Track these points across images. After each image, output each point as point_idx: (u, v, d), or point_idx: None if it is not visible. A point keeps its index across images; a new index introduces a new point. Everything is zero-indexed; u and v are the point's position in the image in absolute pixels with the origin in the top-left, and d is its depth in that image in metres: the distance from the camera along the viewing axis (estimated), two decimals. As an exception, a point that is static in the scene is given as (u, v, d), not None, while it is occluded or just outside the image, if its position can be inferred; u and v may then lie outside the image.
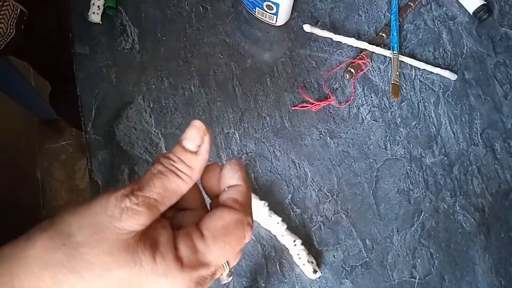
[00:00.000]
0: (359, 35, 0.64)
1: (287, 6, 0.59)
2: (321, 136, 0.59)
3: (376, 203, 0.57)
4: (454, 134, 0.61)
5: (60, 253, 0.23)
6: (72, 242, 0.23)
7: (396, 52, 0.62)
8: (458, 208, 0.58)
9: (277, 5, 0.58)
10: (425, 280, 0.55)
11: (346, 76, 0.61)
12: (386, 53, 0.63)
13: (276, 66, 0.62)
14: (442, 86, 0.63)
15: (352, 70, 0.61)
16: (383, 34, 0.64)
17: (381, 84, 0.62)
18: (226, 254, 0.26)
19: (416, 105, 0.62)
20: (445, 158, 0.60)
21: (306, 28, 0.61)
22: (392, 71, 0.62)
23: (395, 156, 0.59)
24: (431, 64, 0.63)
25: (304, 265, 0.53)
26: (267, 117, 0.60)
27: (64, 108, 1.03)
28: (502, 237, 0.58)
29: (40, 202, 1.34)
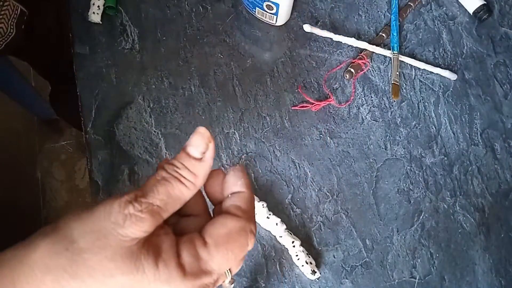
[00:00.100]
0: (359, 35, 0.64)
1: (287, 6, 0.59)
2: (321, 136, 0.59)
3: (376, 203, 0.57)
4: (454, 134, 0.61)
5: (63, 258, 0.23)
6: (75, 248, 0.23)
7: (396, 52, 0.62)
8: (458, 208, 0.58)
9: (277, 5, 0.58)
10: (425, 280, 0.55)
11: (346, 76, 0.61)
12: (386, 53, 0.63)
13: (276, 66, 0.62)
14: (442, 86, 0.63)
15: (352, 70, 0.61)
16: (383, 34, 0.64)
17: (381, 84, 0.62)
18: (229, 262, 0.25)
19: (416, 105, 0.62)
20: (445, 158, 0.60)
21: (306, 28, 0.61)
22: (392, 71, 0.62)
23: (395, 156, 0.59)
24: (431, 64, 0.63)
25: (302, 266, 0.53)
26: (267, 117, 0.60)
27: (64, 108, 1.03)
28: (502, 237, 0.58)
29: (40, 202, 1.34)
